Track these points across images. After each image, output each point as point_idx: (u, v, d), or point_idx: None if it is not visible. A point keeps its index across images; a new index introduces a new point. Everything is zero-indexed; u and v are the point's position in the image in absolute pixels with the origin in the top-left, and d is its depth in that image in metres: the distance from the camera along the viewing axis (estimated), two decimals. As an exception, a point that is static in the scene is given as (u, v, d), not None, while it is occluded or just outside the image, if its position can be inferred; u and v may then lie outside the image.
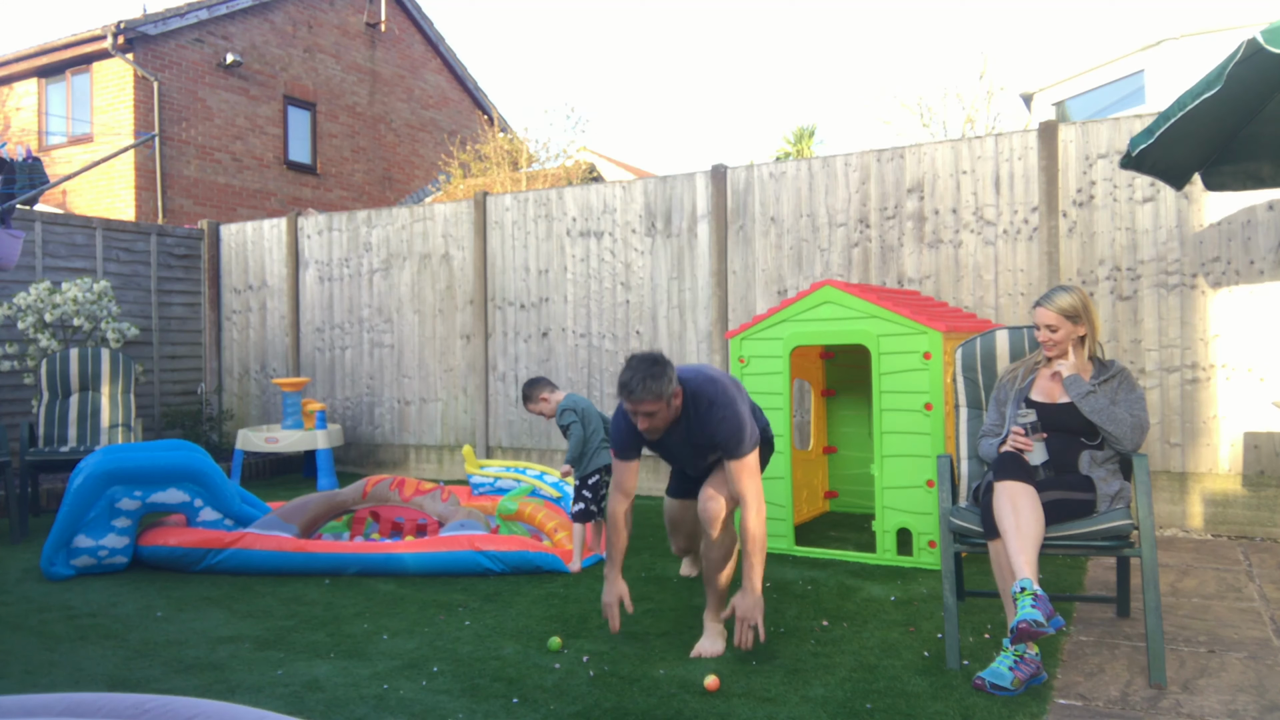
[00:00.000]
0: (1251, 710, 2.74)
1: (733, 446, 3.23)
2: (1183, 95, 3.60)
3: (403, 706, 2.87)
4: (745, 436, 3.24)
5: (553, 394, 4.77)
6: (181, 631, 3.68)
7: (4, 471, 5.41)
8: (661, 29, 66.57)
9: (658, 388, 3.10)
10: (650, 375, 3.10)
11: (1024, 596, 2.81)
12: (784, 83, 47.22)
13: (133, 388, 6.59)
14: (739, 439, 3.23)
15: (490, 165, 13.68)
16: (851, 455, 5.88)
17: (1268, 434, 5.07)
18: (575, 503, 4.60)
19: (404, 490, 5.24)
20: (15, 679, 3.16)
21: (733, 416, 3.23)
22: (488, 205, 7.45)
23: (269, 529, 4.69)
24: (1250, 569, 4.39)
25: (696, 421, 3.27)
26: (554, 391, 4.79)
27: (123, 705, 1.40)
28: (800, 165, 6.32)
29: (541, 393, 4.76)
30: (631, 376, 3.11)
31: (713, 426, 3.24)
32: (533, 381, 4.82)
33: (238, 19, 13.20)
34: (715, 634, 3.35)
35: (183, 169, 12.52)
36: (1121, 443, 3.17)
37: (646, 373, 3.10)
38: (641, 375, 3.10)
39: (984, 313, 5.72)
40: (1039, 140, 5.57)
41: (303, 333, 8.38)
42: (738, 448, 3.23)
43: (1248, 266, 5.12)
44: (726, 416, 3.22)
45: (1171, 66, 11.11)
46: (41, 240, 7.56)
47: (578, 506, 4.58)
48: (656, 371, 3.11)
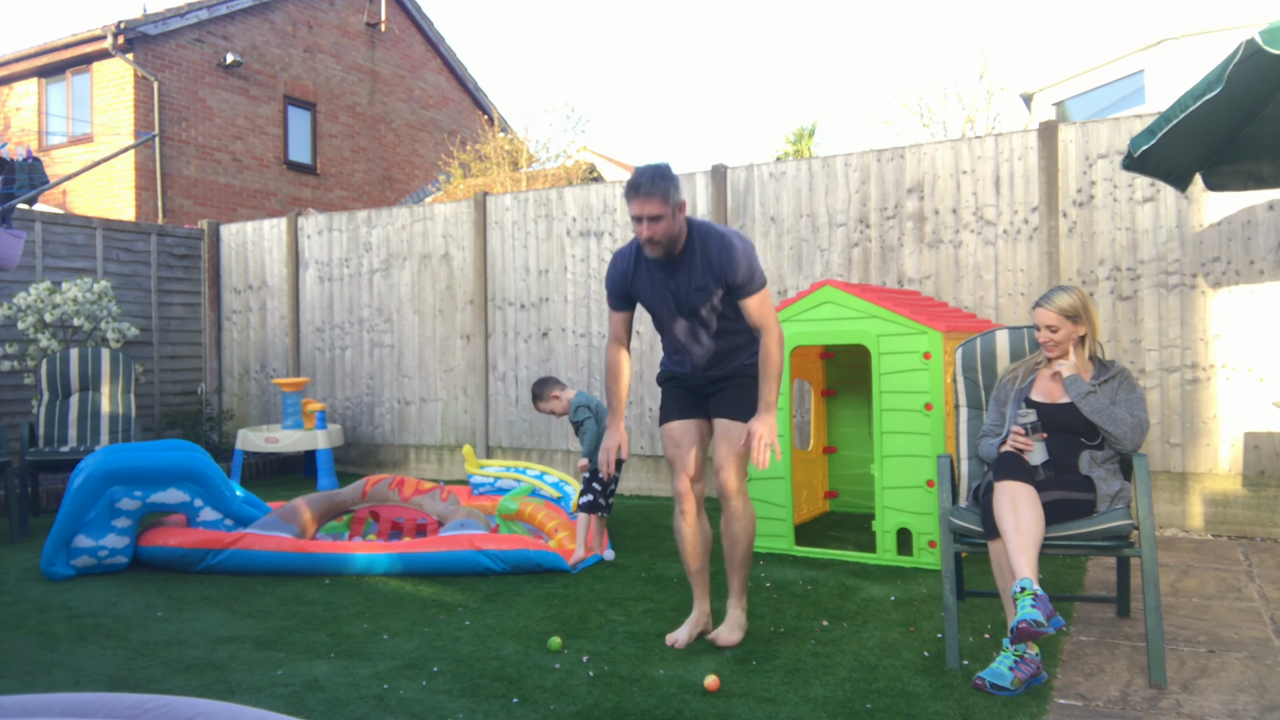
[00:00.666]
0: (1251, 710, 2.74)
1: (743, 283, 3.20)
2: (1183, 96, 3.60)
3: (403, 706, 2.87)
4: (756, 269, 3.22)
5: (564, 392, 4.85)
6: (181, 631, 3.68)
7: (4, 471, 5.41)
8: (661, 29, 66.55)
9: (665, 186, 3.09)
10: (659, 173, 3.10)
11: (1024, 596, 2.81)
12: (784, 83, 47.22)
13: (133, 388, 6.59)
14: (750, 270, 3.20)
15: (490, 165, 13.68)
16: (851, 455, 5.88)
17: (1268, 434, 5.07)
18: (584, 494, 4.62)
19: (403, 490, 5.24)
20: (15, 679, 3.16)
21: (740, 249, 3.20)
22: (488, 205, 7.45)
23: (269, 529, 4.69)
24: (1250, 569, 4.39)
25: (703, 256, 3.21)
26: (564, 390, 4.86)
27: (123, 705, 1.40)
28: (800, 165, 6.32)
29: (553, 391, 4.83)
30: (640, 175, 3.12)
31: (721, 259, 3.18)
32: (543, 381, 4.87)
33: (238, 19, 13.21)
34: (735, 624, 3.37)
35: (183, 169, 12.52)
36: (1122, 443, 3.17)
37: (654, 171, 3.11)
38: (650, 174, 3.10)
39: (984, 313, 5.72)
40: (1039, 140, 5.57)
41: (303, 333, 8.39)
42: (750, 280, 3.20)
43: (1248, 266, 5.12)
44: (734, 248, 3.19)
45: (1171, 66, 11.12)
46: (41, 240, 7.56)
47: (586, 498, 4.60)
48: (664, 171, 3.12)
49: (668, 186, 3.09)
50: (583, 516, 4.60)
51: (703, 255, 3.21)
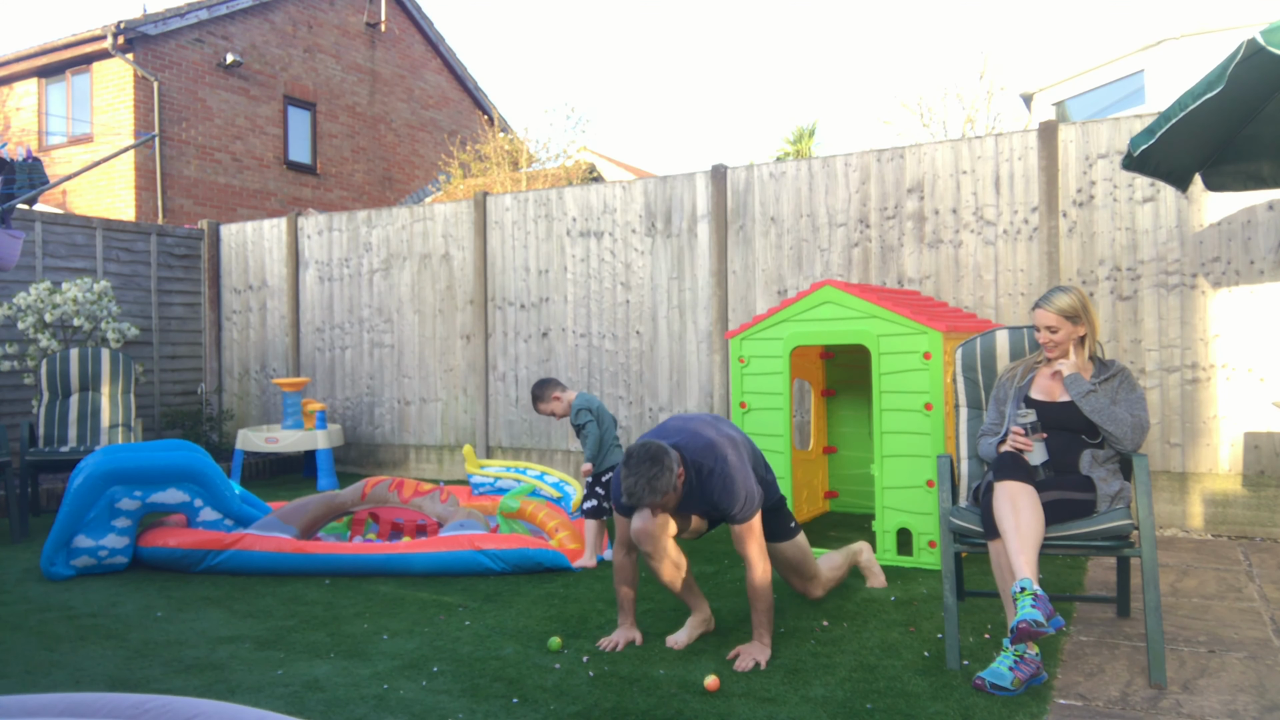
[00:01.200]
0: (1251, 710, 2.74)
1: (733, 512, 3.24)
2: (1183, 96, 3.60)
3: (403, 706, 2.87)
4: (744, 500, 3.24)
5: (564, 393, 4.78)
6: (181, 631, 3.68)
7: (4, 471, 5.41)
8: (662, 29, 66.54)
9: (663, 485, 3.07)
10: (653, 476, 3.06)
11: (1024, 596, 2.81)
12: (784, 83, 47.21)
13: (133, 388, 6.59)
14: (741, 504, 3.23)
15: (490, 165, 13.68)
16: (851, 455, 5.88)
17: (1268, 434, 5.07)
18: (587, 499, 4.62)
19: (403, 491, 5.24)
20: (15, 679, 3.16)
21: (731, 482, 3.22)
22: (488, 205, 7.45)
23: (268, 530, 4.69)
24: (1250, 569, 4.39)
25: (697, 490, 3.26)
26: (565, 391, 4.80)
27: (123, 705, 1.40)
28: (800, 165, 6.32)
29: (553, 392, 4.76)
30: (635, 483, 3.06)
31: (712, 494, 3.24)
32: (543, 382, 4.81)
33: (238, 19, 13.20)
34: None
35: (183, 169, 12.52)
36: (1122, 442, 3.17)
37: (649, 474, 3.06)
38: (645, 478, 3.06)
39: (984, 313, 5.72)
40: (1039, 140, 5.57)
41: (303, 333, 8.39)
42: (741, 513, 3.24)
43: (1248, 266, 5.12)
44: (726, 483, 3.22)
45: (1171, 66, 11.11)
46: (41, 240, 7.56)
47: (590, 504, 4.60)
48: (658, 470, 3.07)
49: (665, 484, 3.07)
50: (590, 523, 4.60)
51: (701, 495, 3.25)
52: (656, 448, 3.12)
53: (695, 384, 6.60)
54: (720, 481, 3.22)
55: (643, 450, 3.11)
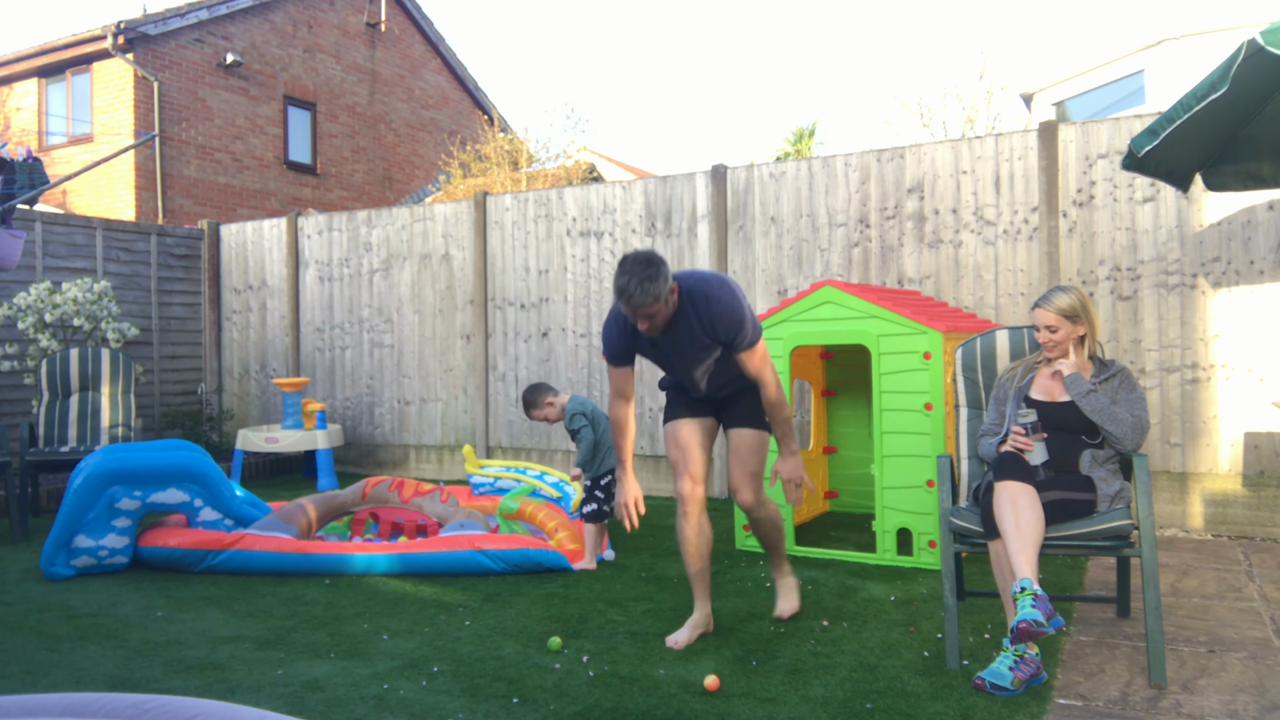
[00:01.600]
0: (1251, 710, 2.74)
1: (738, 336, 3.22)
2: (1185, 96, 3.60)
3: (403, 706, 2.87)
4: (749, 324, 3.23)
5: (557, 398, 4.74)
6: (181, 631, 3.68)
7: (4, 471, 5.41)
8: (662, 29, 66.53)
9: (655, 289, 3.06)
10: (646, 277, 3.05)
11: (1024, 596, 2.81)
12: (784, 83, 47.20)
13: (133, 388, 6.59)
14: (742, 326, 3.21)
15: (490, 165, 13.68)
16: (851, 455, 5.88)
17: (1268, 434, 5.07)
18: (587, 503, 4.61)
19: (403, 492, 5.24)
20: (15, 679, 3.16)
21: (733, 307, 3.20)
22: (488, 205, 7.45)
23: (268, 530, 4.69)
24: (1250, 569, 4.39)
25: (696, 318, 3.22)
26: (558, 395, 4.75)
27: (123, 705, 1.40)
28: (800, 165, 6.32)
29: (546, 398, 4.71)
30: (628, 280, 3.06)
31: (713, 320, 3.20)
32: (535, 388, 4.75)
33: (238, 19, 13.20)
34: (790, 589, 3.65)
35: (183, 169, 12.52)
36: (1122, 442, 3.17)
37: (643, 274, 3.05)
38: (639, 278, 3.05)
39: (984, 313, 5.72)
40: (1039, 140, 5.57)
41: (303, 333, 8.39)
42: (743, 336, 3.22)
43: (1248, 266, 5.12)
44: (727, 307, 3.20)
45: (1171, 66, 11.11)
46: (41, 240, 7.56)
47: (590, 507, 4.59)
48: (652, 272, 3.07)
49: (658, 286, 3.06)
50: (590, 526, 4.59)
51: (696, 317, 3.23)
52: (653, 254, 3.13)
53: (695, 384, 6.59)
54: (723, 308, 3.20)
55: (637, 254, 3.12)
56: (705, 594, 3.49)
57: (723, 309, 3.20)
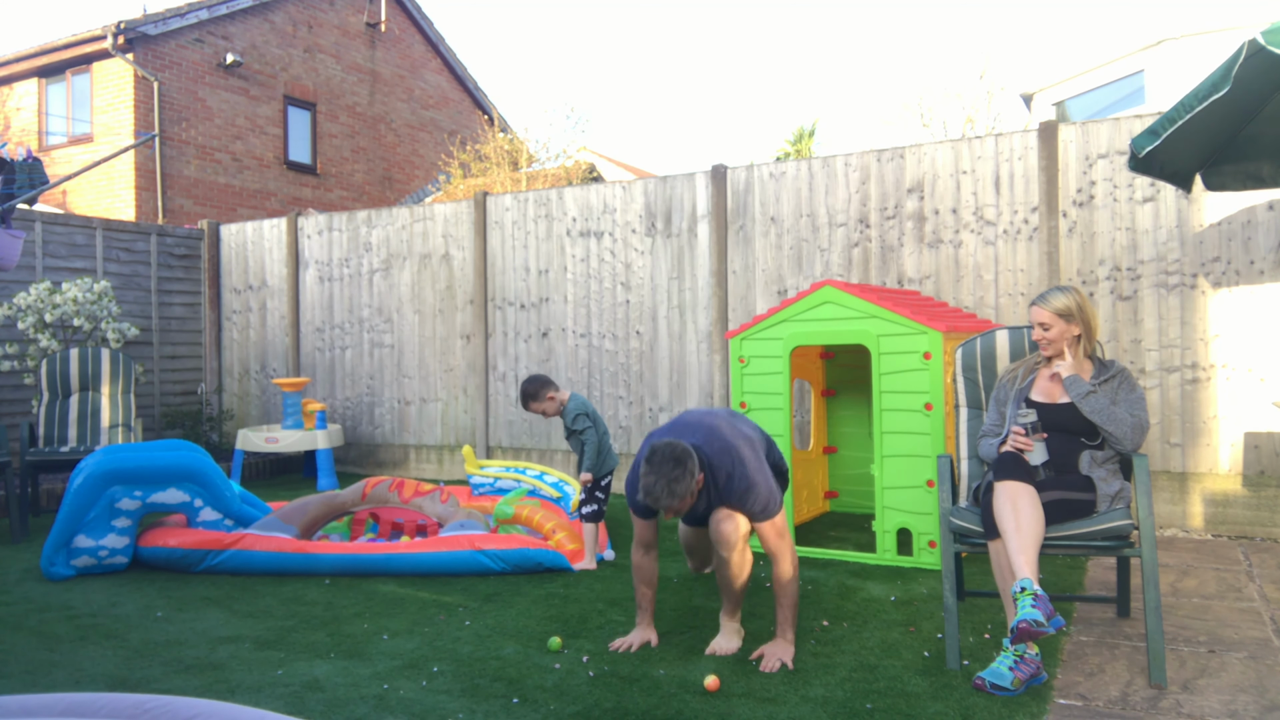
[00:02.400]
0: (1251, 710, 2.74)
1: (758, 512, 3.23)
2: (1187, 97, 3.60)
3: (403, 706, 2.87)
4: (768, 499, 3.23)
5: (558, 393, 4.65)
6: (181, 631, 3.68)
7: (4, 471, 5.41)
8: (662, 29, 66.52)
9: (683, 489, 3.06)
10: (674, 478, 3.04)
11: (1024, 596, 2.81)
12: (784, 83, 47.20)
13: (133, 388, 6.59)
14: (763, 504, 3.22)
15: (490, 165, 13.68)
16: (851, 455, 5.88)
17: (1268, 434, 5.07)
18: (587, 504, 4.60)
19: (403, 492, 5.24)
20: (15, 679, 3.16)
21: (753, 484, 3.22)
22: (488, 205, 7.45)
23: (268, 530, 4.69)
24: (1250, 569, 4.39)
25: (716, 494, 3.26)
26: (559, 391, 4.67)
27: (123, 705, 1.40)
28: (800, 165, 6.32)
29: (548, 391, 4.60)
30: (655, 483, 3.04)
31: (734, 497, 3.23)
32: (537, 380, 4.62)
33: (238, 19, 13.20)
34: (731, 632, 3.37)
35: (183, 169, 12.52)
36: (1122, 443, 3.18)
37: (670, 476, 3.04)
38: (666, 479, 3.03)
39: (984, 313, 5.72)
40: (1039, 140, 5.57)
41: (303, 333, 8.39)
42: (763, 513, 3.23)
43: (1248, 266, 5.12)
44: (748, 486, 3.21)
45: (1171, 66, 11.12)
46: (41, 240, 7.56)
47: (591, 508, 4.59)
48: (679, 473, 3.05)
49: (686, 488, 3.06)
50: (589, 526, 4.58)
51: (716, 491, 3.25)
52: (681, 450, 3.08)
53: (695, 384, 6.60)
54: (741, 484, 3.21)
55: (667, 449, 3.08)
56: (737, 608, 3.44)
57: (746, 490, 3.21)
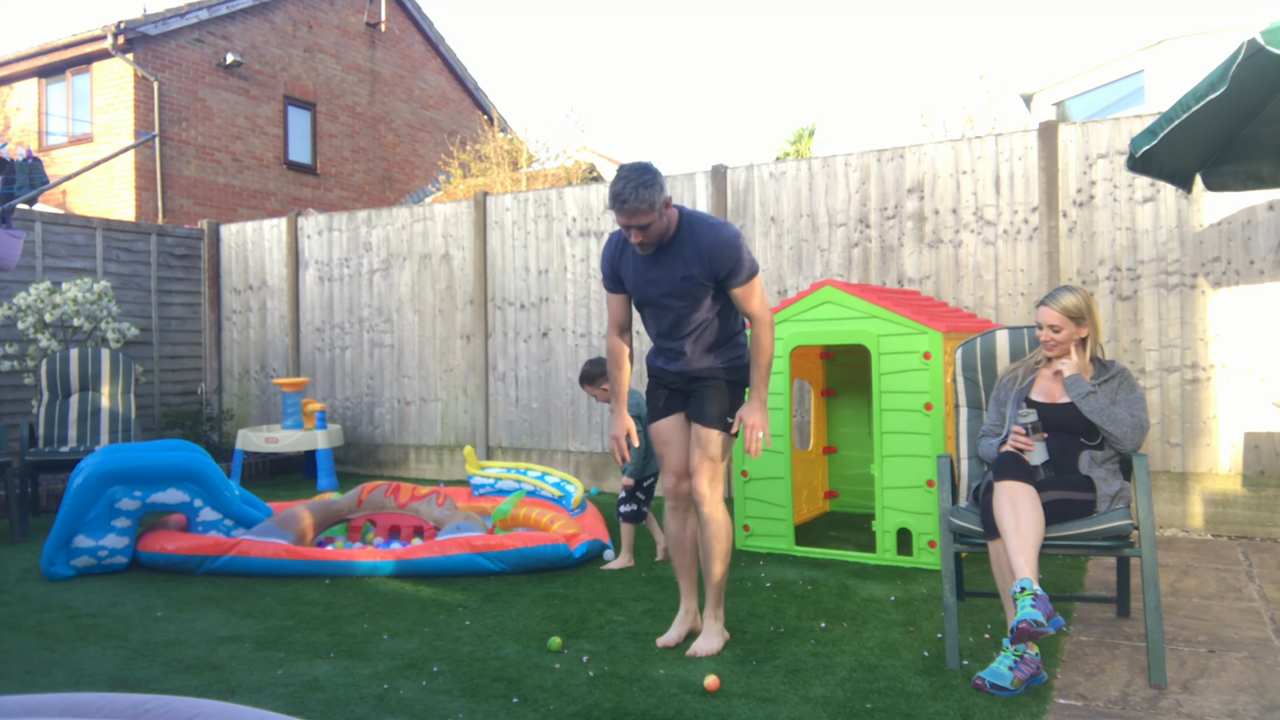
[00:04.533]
0: (1251, 710, 2.74)
1: (734, 268, 3.14)
2: (1185, 96, 3.60)
3: (403, 706, 2.87)
4: (746, 258, 3.16)
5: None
6: (181, 631, 3.68)
7: (4, 471, 5.41)
8: (662, 29, 66.53)
9: (650, 196, 3.01)
10: (642, 183, 3.00)
11: (1024, 596, 2.81)
12: (784, 83, 47.19)
13: (133, 388, 6.59)
14: (739, 258, 3.14)
15: (490, 165, 13.67)
16: (851, 455, 5.88)
17: (1268, 434, 5.07)
18: (626, 503, 4.57)
19: (400, 496, 5.23)
20: (15, 679, 3.16)
21: (733, 238, 3.15)
22: (488, 205, 7.45)
23: (265, 536, 4.68)
24: (1250, 569, 4.39)
25: (693, 244, 3.15)
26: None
27: (123, 705, 1.40)
28: (800, 165, 6.32)
29: (605, 381, 4.62)
30: (624, 186, 3.00)
31: (711, 247, 3.13)
32: (599, 363, 4.66)
33: (238, 19, 13.20)
34: (714, 633, 3.34)
35: (183, 169, 12.51)
36: (1122, 443, 3.17)
37: (638, 180, 3.00)
38: (634, 184, 3.00)
39: (984, 313, 5.72)
40: (1039, 140, 5.57)
41: (303, 333, 8.38)
42: (740, 269, 3.15)
43: (1248, 266, 5.12)
44: (727, 237, 3.14)
45: (1171, 66, 11.12)
46: (41, 240, 7.56)
47: (629, 508, 4.56)
48: (648, 179, 3.02)
49: (653, 194, 3.02)
50: (626, 526, 4.58)
51: (692, 244, 3.16)
52: (649, 164, 3.07)
53: (695, 384, 6.59)
54: (724, 236, 3.14)
55: (634, 162, 3.07)
56: (691, 589, 3.47)
57: (723, 237, 3.14)
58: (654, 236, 3.12)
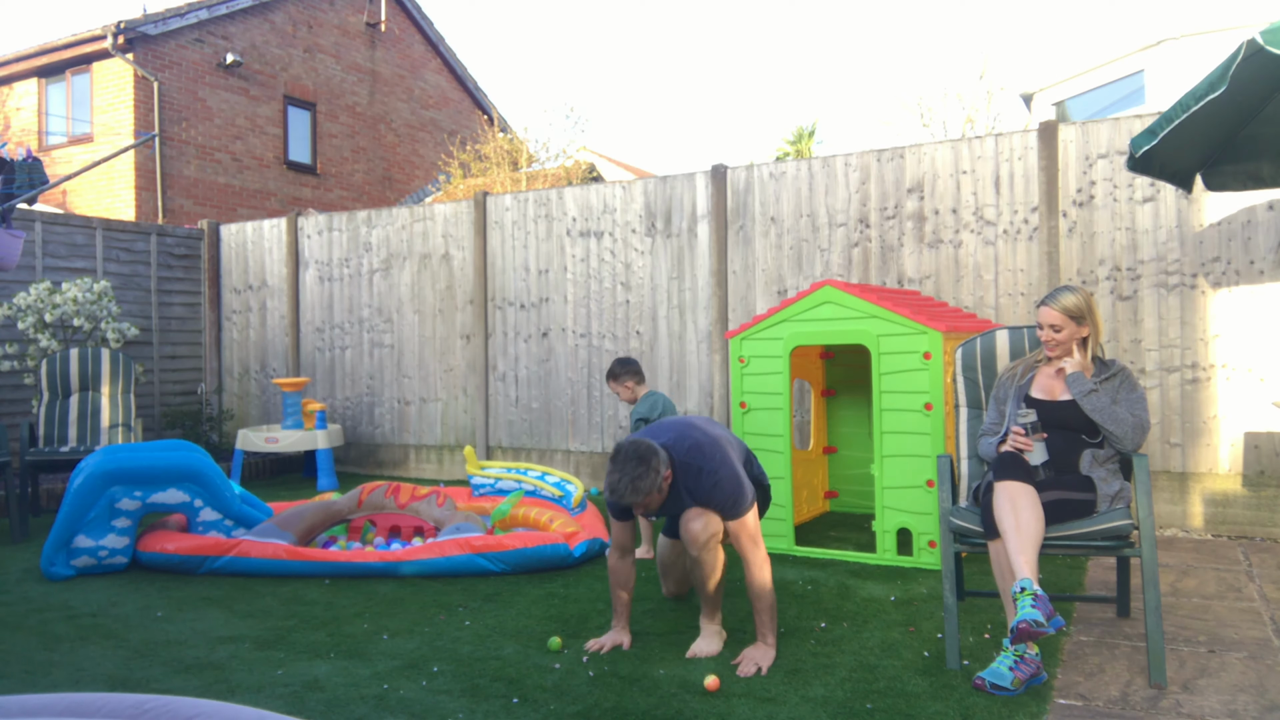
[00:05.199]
0: (1251, 710, 2.74)
1: (728, 509, 3.25)
2: (1184, 96, 3.60)
3: (403, 706, 2.87)
4: (740, 496, 3.24)
5: (637, 386, 4.78)
6: (181, 631, 3.68)
7: (4, 471, 5.41)
8: (662, 29, 66.53)
9: (647, 485, 3.10)
10: (638, 476, 3.08)
11: (1024, 596, 2.81)
12: (784, 83, 47.19)
13: (133, 388, 6.59)
14: (733, 501, 3.24)
15: (490, 165, 13.67)
16: (851, 455, 5.88)
17: (1268, 434, 5.07)
18: None
19: (400, 496, 5.23)
20: (15, 679, 3.16)
21: (724, 479, 3.24)
22: (488, 205, 7.45)
23: (265, 536, 4.68)
24: (1250, 569, 4.39)
25: (688, 492, 3.27)
26: (640, 385, 4.79)
27: (123, 705, 1.40)
28: (800, 165, 6.32)
29: (628, 379, 4.76)
30: (619, 479, 3.09)
31: (705, 493, 3.25)
32: (626, 362, 4.78)
33: (238, 19, 13.20)
34: (712, 635, 3.35)
35: (183, 169, 12.52)
36: (1122, 442, 3.17)
37: (634, 474, 3.08)
38: (630, 478, 3.08)
39: (984, 313, 5.72)
40: (1039, 140, 5.57)
41: (303, 333, 8.39)
42: (733, 510, 3.25)
43: (1248, 266, 5.12)
44: (718, 481, 3.24)
45: (1171, 66, 11.12)
46: (41, 240, 7.56)
47: None
48: (643, 470, 3.09)
49: (649, 484, 3.09)
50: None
51: (688, 491, 3.27)
52: (645, 447, 3.13)
53: (695, 384, 6.60)
54: (709, 479, 3.24)
55: (631, 448, 3.13)
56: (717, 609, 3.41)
57: (714, 485, 3.23)
58: (655, 505, 3.24)
